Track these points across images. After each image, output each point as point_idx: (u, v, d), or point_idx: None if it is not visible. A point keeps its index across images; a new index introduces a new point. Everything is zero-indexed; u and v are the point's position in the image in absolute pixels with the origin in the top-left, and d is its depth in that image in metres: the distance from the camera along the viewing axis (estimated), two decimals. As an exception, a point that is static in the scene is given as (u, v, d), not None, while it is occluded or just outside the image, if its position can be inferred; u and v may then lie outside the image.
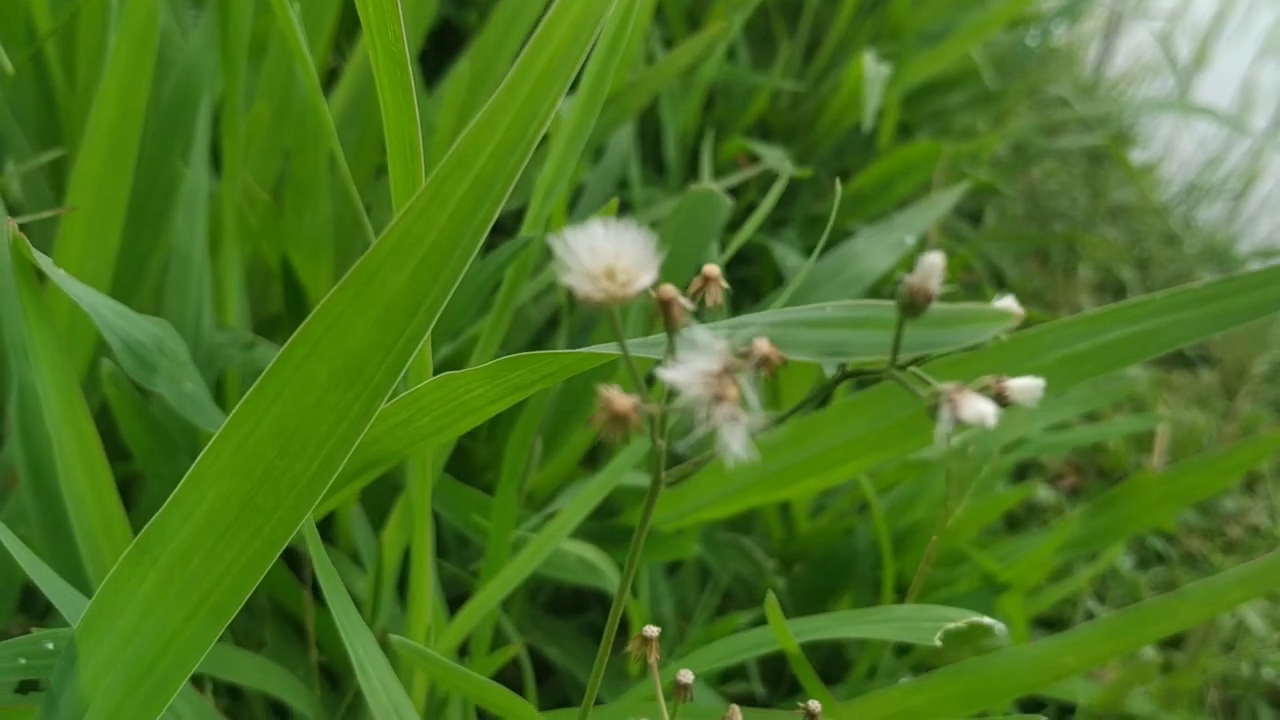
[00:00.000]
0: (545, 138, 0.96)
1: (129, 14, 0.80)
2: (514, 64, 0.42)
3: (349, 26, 1.31)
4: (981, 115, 2.10)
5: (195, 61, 0.93)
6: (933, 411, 0.35)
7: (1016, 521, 1.53)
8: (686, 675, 0.46)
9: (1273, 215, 2.47)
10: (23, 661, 0.56)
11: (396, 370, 0.45)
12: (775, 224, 1.65)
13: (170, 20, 0.99)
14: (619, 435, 0.31)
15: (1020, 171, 2.22)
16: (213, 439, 0.45)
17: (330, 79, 1.19)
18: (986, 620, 0.68)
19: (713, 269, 0.38)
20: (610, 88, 0.78)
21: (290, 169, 0.94)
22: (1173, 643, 1.40)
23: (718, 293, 0.38)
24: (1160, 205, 2.43)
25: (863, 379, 0.38)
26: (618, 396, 0.31)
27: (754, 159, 1.56)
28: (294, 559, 0.92)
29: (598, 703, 0.98)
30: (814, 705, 0.46)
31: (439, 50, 1.48)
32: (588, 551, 0.94)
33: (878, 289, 1.28)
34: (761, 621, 0.77)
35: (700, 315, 0.36)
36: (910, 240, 1.28)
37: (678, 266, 1.00)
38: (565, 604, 1.16)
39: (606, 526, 1.02)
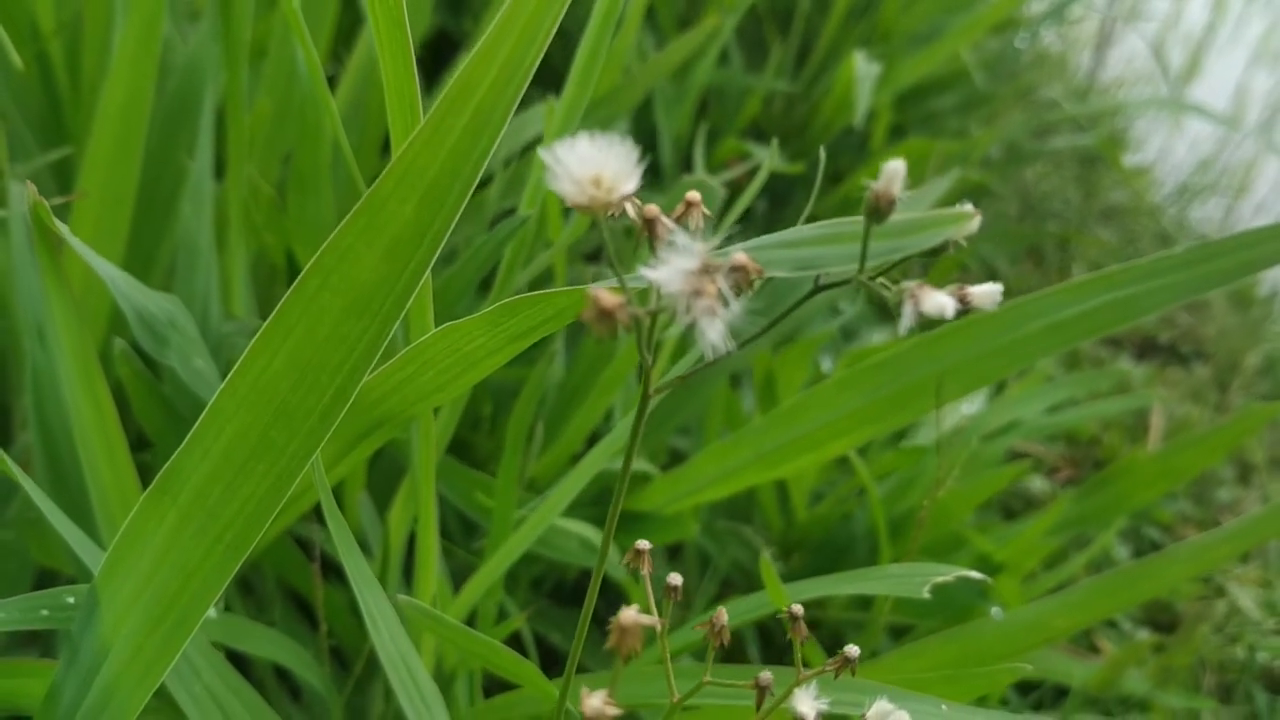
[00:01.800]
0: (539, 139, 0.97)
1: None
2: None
3: (346, 34, 1.33)
4: (973, 118, 2.12)
5: (198, 57, 0.95)
6: (897, 308, 0.37)
7: (1012, 514, 1.55)
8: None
9: (1267, 219, 2.49)
10: (45, 613, 0.58)
11: (403, 301, 0.47)
12: (771, 226, 1.67)
13: (171, 29, 1.02)
14: (607, 332, 0.33)
15: (1013, 172, 2.24)
16: (229, 375, 0.48)
17: (329, 86, 1.22)
18: (974, 574, 0.70)
19: (694, 195, 0.40)
20: (604, 85, 0.80)
21: (293, 162, 0.96)
22: (1167, 626, 1.42)
23: (699, 217, 0.40)
24: (1153, 206, 2.46)
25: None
26: (604, 293, 0.33)
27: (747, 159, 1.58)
28: (302, 544, 0.94)
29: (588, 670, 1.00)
30: (795, 609, 0.48)
31: (435, 59, 1.50)
32: (589, 531, 0.96)
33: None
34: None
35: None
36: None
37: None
38: (568, 595, 1.18)
39: (607, 512, 1.04)
